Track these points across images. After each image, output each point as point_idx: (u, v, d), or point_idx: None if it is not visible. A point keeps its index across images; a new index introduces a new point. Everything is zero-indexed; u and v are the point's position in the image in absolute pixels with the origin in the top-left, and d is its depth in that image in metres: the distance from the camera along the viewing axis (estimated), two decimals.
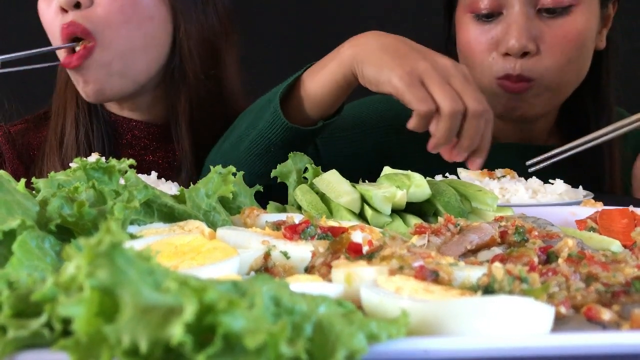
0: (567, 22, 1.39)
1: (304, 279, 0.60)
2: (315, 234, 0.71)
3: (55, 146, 1.41)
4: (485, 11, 1.40)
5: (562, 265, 0.61)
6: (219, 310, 0.38)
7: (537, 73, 1.39)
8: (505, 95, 1.42)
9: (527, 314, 0.48)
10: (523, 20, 1.36)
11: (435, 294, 0.53)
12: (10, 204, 0.63)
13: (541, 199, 1.16)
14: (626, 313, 0.54)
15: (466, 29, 1.45)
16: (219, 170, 0.84)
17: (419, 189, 0.90)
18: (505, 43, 1.38)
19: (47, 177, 1.33)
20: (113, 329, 0.38)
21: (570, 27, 1.39)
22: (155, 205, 0.79)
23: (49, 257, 0.60)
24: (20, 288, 0.47)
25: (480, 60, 1.43)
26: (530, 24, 1.37)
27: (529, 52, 1.38)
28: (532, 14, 1.38)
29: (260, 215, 0.83)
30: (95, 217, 0.65)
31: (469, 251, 0.70)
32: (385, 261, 0.60)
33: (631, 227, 0.87)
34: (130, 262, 0.40)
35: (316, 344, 0.42)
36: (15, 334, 0.44)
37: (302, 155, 1.05)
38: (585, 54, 1.45)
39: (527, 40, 1.37)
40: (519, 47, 1.36)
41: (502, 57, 1.40)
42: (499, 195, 1.17)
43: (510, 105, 1.44)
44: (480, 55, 1.42)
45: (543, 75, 1.40)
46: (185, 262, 0.59)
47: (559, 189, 1.18)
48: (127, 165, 0.79)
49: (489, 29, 1.41)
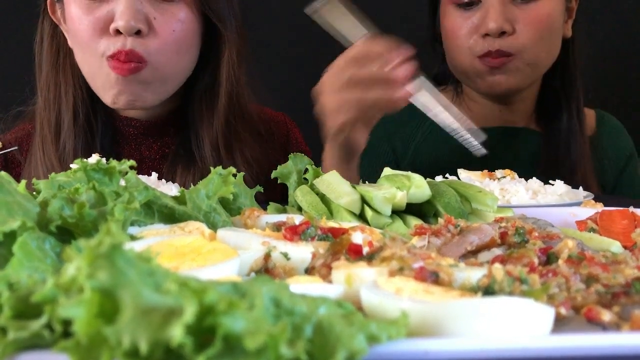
0: (538, 6, 1.60)
1: (304, 280, 0.60)
2: (316, 235, 0.71)
3: (50, 138, 1.41)
4: (467, 0, 1.61)
5: (562, 266, 0.61)
6: (219, 312, 0.38)
7: (514, 49, 1.59)
8: (488, 71, 1.62)
9: (527, 315, 0.48)
10: (499, 5, 1.58)
11: (435, 295, 0.53)
12: (11, 205, 0.63)
13: (541, 199, 1.16)
14: (626, 314, 0.54)
15: (449, 18, 1.66)
16: (219, 171, 0.84)
17: (419, 190, 0.90)
18: (485, 25, 1.58)
19: (43, 171, 1.33)
20: (113, 330, 0.38)
21: (541, 11, 1.60)
22: (155, 207, 0.79)
23: (50, 258, 0.60)
24: (20, 289, 0.47)
25: (462, 43, 1.63)
26: (506, 8, 1.58)
27: (506, 32, 1.58)
28: (507, 1, 1.59)
29: (260, 216, 0.83)
30: (96, 218, 0.65)
31: (469, 252, 0.70)
32: (386, 262, 0.60)
33: (631, 228, 0.87)
34: (130, 263, 0.40)
35: (316, 345, 0.42)
36: (16, 335, 0.44)
37: (303, 156, 1.06)
38: (555, 34, 1.65)
39: (504, 22, 1.57)
40: (496, 27, 1.56)
41: (482, 38, 1.60)
42: (499, 196, 1.18)
43: (493, 80, 1.63)
44: (463, 38, 1.63)
45: (520, 51, 1.59)
46: (185, 263, 0.59)
47: (560, 189, 1.18)
48: (127, 166, 0.79)
49: (469, 15, 1.62)
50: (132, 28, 1.29)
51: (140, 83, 1.34)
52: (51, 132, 1.41)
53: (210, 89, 1.44)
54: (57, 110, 1.41)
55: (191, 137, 1.44)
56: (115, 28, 1.29)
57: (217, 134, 1.43)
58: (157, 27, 1.33)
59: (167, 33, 1.33)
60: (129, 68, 1.30)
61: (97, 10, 1.31)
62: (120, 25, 1.28)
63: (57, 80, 1.43)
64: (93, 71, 1.36)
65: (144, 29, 1.31)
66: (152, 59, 1.33)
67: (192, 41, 1.39)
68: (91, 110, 1.43)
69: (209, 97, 1.44)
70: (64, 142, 1.40)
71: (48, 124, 1.42)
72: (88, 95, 1.42)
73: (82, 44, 1.34)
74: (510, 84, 1.63)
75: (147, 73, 1.33)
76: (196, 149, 1.43)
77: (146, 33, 1.31)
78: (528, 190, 1.18)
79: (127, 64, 1.30)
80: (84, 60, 1.37)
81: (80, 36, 1.34)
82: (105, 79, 1.34)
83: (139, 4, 1.31)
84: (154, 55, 1.33)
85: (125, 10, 1.28)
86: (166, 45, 1.33)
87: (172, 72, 1.38)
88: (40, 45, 1.46)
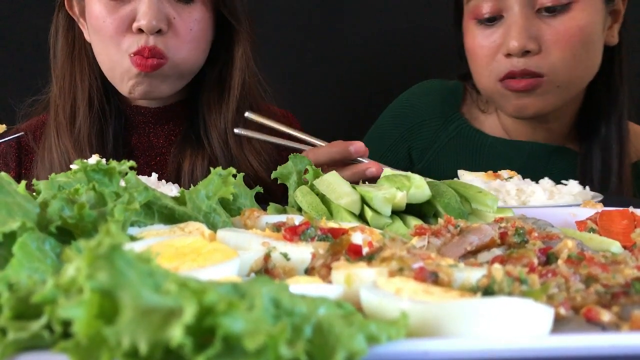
0: (567, 19, 1.40)
1: (304, 281, 0.60)
2: (316, 236, 0.71)
3: (65, 124, 1.47)
4: (487, 15, 1.44)
5: (562, 267, 0.61)
6: (219, 312, 0.38)
7: (543, 69, 1.41)
8: (513, 95, 1.45)
9: (526, 315, 0.48)
10: (522, 20, 1.39)
11: (435, 296, 0.53)
12: (11, 205, 0.63)
13: (559, 200, 1.15)
14: (626, 314, 0.54)
15: (471, 35, 1.49)
16: (219, 171, 0.84)
17: (419, 191, 0.90)
18: (507, 44, 1.41)
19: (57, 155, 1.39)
20: (113, 331, 0.38)
21: (571, 24, 1.40)
22: (155, 207, 0.79)
23: (49, 259, 0.60)
24: (20, 290, 0.47)
25: (485, 63, 1.47)
26: (530, 23, 1.40)
27: (530, 52, 1.40)
28: (531, 15, 1.40)
29: (260, 216, 0.83)
30: (96, 219, 0.65)
31: (469, 252, 0.70)
32: (385, 262, 0.60)
33: (631, 228, 0.87)
34: (130, 264, 0.40)
35: (316, 345, 0.42)
36: (15, 335, 0.44)
37: (303, 156, 1.06)
38: (592, 48, 1.45)
39: (527, 40, 1.39)
40: (519, 47, 1.39)
41: (505, 58, 1.43)
42: (515, 197, 1.17)
43: (520, 104, 1.45)
44: (485, 59, 1.47)
45: (550, 72, 1.41)
46: (185, 263, 0.59)
47: (574, 189, 1.18)
48: (127, 167, 0.79)
49: (490, 33, 1.45)
50: (154, 27, 1.36)
51: (158, 76, 1.42)
52: (66, 118, 1.47)
53: (223, 80, 1.50)
54: (72, 98, 1.48)
55: (199, 125, 1.51)
56: (138, 27, 1.37)
57: (226, 123, 1.48)
58: (177, 26, 1.40)
59: (185, 32, 1.41)
60: (151, 64, 1.38)
61: (120, 10, 1.38)
62: (143, 24, 1.36)
63: (72, 70, 1.49)
64: (113, 64, 1.42)
65: (165, 28, 1.38)
66: (172, 55, 1.40)
67: (207, 37, 1.47)
68: (105, 98, 1.50)
69: (221, 87, 1.50)
70: (78, 128, 1.46)
71: (63, 111, 1.48)
72: (102, 83, 1.49)
73: (105, 40, 1.41)
74: (538, 108, 1.45)
75: (167, 68, 1.41)
76: (204, 136, 1.50)
77: (166, 32, 1.39)
78: (545, 191, 1.17)
79: (150, 60, 1.37)
80: (104, 53, 1.44)
81: (103, 34, 1.41)
82: (124, 71, 1.41)
83: (160, 4, 1.38)
84: (174, 51, 1.40)
85: (147, 10, 1.36)
86: (185, 43, 1.41)
87: (189, 66, 1.46)
88: (55, 37, 1.52)
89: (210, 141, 1.49)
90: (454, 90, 1.71)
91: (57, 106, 1.49)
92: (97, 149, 1.45)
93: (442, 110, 1.68)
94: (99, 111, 1.48)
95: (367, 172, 1.20)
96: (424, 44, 2.19)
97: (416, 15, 2.20)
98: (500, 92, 1.47)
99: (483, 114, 1.67)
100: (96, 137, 1.47)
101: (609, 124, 1.52)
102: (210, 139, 1.49)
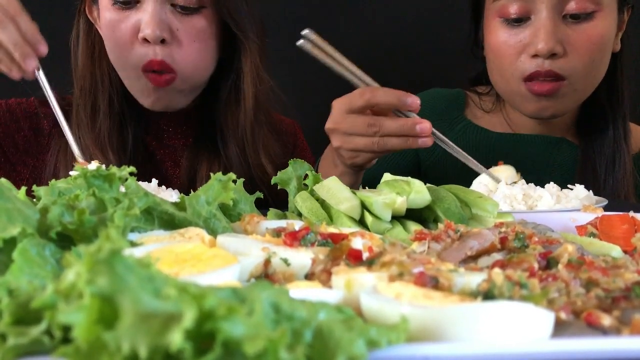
0: (591, 26, 1.48)
1: (304, 286, 0.60)
2: (316, 241, 0.71)
3: (86, 122, 1.50)
4: (515, 16, 1.48)
5: (562, 271, 0.61)
6: (219, 317, 0.38)
7: (567, 72, 1.47)
8: (535, 97, 1.51)
9: (527, 319, 0.48)
10: (551, 24, 1.45)
11: (435, 300, 0.53)
12: (11, 211, 0.63)
13: (566, 204, 1.16)
14: (626, 318, 0.54)
15: (495, 33, 1.53)
16: (219, 177, 0.84)
17: (419, 196, 0.90)
18: (534, 45, 1.46)
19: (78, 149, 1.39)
20: (113, 336, 0.38)
21: (594, 31, 1.48)
22: (155, 213, 0.79)
23: (50, 264, 0.60)
24: (20, 295, 0.47)
25: (509, 62, 1.51)
26: (557, 28, 1.46)
27: (557, 54, 1.46)
28: (558, 19, 1.46)
29: (260, 222, 0.83)
30: (96, 224, 0.65)
31: (469, 257, 0.70)
32: (385, 267, 0.60)
33: (631, 232, 0.87)
34: (129, 269, 0.40)
35: (316, 350, 0.42)
36: (15, 341, 0.44)
37: (303, 162, 1.06)
38: (606, 55, 1.54)
39: (555, 43, 1.45)
40: (547, 49, 1.44)
41: (530, 59, 1.47)
42: (522, 201, 1.17)
43: (540, 106, 1.52)
44: (510, 57, 1.50)
45: (571, 75, 1.48)
46: (185, 269, 0.59)
47: (581, 194, 1.19)
48: (127, 172, 0.79)
49: (517, 32, 1.49)
50: (158, 37, 1.39)
51: (172, 91, 1.47)
52: (87, 116, 1.50)
53: (237, 90, 1.53)
54: (93, 97, 1.51)
55: (217, 133, 1.54)
56: (143, 37, 1.40)
57: (243, 132, 1.52)
58: (180, 37, 1.43)
59: (189, 42, 1.44)
60: (165, 80, 1.43)
61: (126, 20, 1.42)
62: (147, 33, 1.39)
63: (92, 71, 1.53)
64: (131, 80, 1.48)
65: (168, 38, 1.41)
66: (180, 69, 1.44)
67: (212, 48, 1.49)
68: (124, 99, 1.53)
69: (236, 98, 1.53)
70: (99, 126, 1.50)
71: (84, 110, 1.51)
72: (121, 85, 1.52)
73: (116, 51, 1.46)
74: (557, 110, 1.54)
75: (179, 83, 1.46)
76: (220, 144, 1.54)
77: (170, 41, 1.42)
78: (553, 196, 1.18)
79: (163, 77, 1.43)
80: (119, 66, 1.48)
81: (112, 44, 1.45)
82: (143, 88, 1.47)
83: (163, 14, 1.41)
84: (180, 64, 1.44)
85: (150, 20, 1.39)
86: (189, 55, 1.44)
87: (199, 78, 1.50)
88: (76, 40, 1.56)
89: (227, 149, 1.52)
90: (457, 97, 1.78)
91: (78, 106, 1.52)
92: (117, 148, 1.49)
93: (447, 114, 1.74)
94: (119, 110, 1.52)
95: (418, 127, 1.21)
96: (429, 55, 2.21)
97: (422, 24, 2.22)
98: (522, 93, 1.51)
99: (487, 114, 1.73)
100: (117, 135, 1.50)
101: (615, 124, 1.60)
102: (227, 147, 1.52)
